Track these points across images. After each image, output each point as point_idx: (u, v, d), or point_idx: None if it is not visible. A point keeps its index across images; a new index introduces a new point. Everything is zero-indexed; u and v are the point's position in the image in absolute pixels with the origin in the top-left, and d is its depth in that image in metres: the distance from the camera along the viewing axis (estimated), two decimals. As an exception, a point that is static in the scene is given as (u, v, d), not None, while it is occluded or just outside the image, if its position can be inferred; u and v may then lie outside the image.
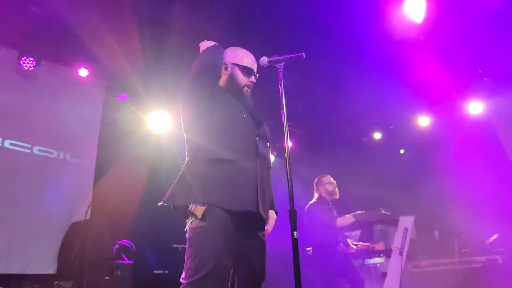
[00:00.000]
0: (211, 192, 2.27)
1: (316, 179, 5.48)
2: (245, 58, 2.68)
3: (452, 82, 7.26)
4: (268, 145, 2.61)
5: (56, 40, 5.70)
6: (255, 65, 2.71)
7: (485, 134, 7.76)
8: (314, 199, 5.37)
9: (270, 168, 2.57)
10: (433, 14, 5.36)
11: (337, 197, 5.32)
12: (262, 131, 2.57)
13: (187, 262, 2.21)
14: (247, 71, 2.64)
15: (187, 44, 5.18)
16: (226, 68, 2.65)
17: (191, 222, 2.27)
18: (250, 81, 2.66)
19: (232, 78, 2.63)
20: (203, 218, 2.22)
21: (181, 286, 2.18)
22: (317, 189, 5.42)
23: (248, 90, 2.67)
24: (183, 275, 2.21)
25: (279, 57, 2.58)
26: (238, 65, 2.64)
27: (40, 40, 5.65)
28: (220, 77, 2.63)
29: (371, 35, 5.78)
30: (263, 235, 2.49)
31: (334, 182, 5.36)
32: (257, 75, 2.72)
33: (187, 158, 2.45)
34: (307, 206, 5.29)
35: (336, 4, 5.26)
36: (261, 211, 2.34)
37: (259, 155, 2.43)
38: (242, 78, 2.64)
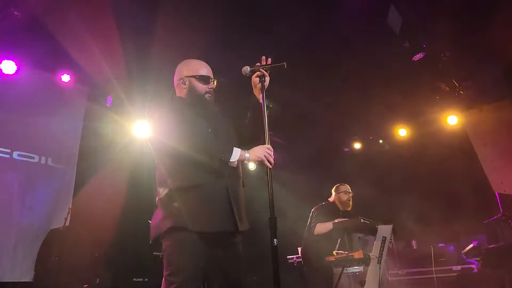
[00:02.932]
0: (191, 221, 2.29)
1: (336, 185, 5.50)
2: (200, 68, 2.73)
3: (430, 95, 7.45)
4: None
5: (38, 46, 5.65)
6: (211, 73, 2.76)
7: (461, 145, 7.95)
8: (323, 202, 5.39)
9: (240, 177, 2.59)
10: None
11: (349, 208, 5.33)
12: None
13: (163, 272, 2.30)
14: (204, 79, 2.68)
15: (171, 52, 5.22)
16: (184, 83, 2.69)
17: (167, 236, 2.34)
18: (210, 88, 2.70)
19: (191, 89, 2.67)
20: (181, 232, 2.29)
21: None
22: (333, 195, 5.44)
23: (210, 96, 2.71)
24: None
25: (261, 66, 2.63)
26: (194, 76, 2.68)
27: (22, 45, 5.61)
28: None
29: (351, 45, 5.90)
30: (239, 245, 2.54)
31: (351, 193, 5.38)
32: (216, 81, 2.76)
33: (161, 190, 2.45)
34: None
35: (316, 15, 5.36)
36: (240, 227, 2.42)
37: (227, 170, 2.44)
38: (201, 87, 2.68)
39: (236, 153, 2.41)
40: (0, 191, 5.57)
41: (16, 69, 5.70)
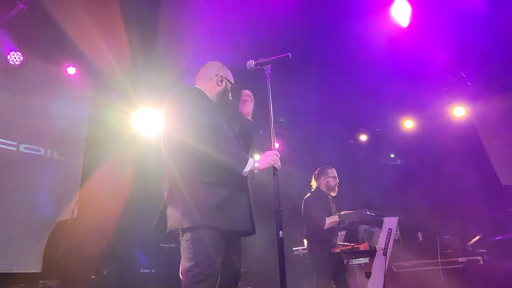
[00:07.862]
0: (214, 217, 2.31)
1: (319, 168, 5.23)
2: (231, 76, 2.77)
3: (437, 86, 7.39)
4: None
5: (44, 38, 5.67)
6: None
7: (468, 137, 7.91)
8: (310, 192, 5.18)
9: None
10: (418, 19, 5.47)
11: (334, 194, 5.14)
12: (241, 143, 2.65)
13: (187, 263, 2.27)
14: (232, 89, 2.74)
15: (176, 44, 5.22)
16: (221, 81, 2.68)
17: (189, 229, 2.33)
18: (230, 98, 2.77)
19: (225, 92, 2.70)
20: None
21: (183, 286, 2.24)
22: (317, 180, 5.18)
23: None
24: (183, 269, 2.27)
25: (266, 59, 2.61)
26: (229, 82, 2.72)
27: (28, 38, 5.61)
28: None
29: (358, 38, 5.86)
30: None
31: (337, 178, 5.15)
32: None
33: (182, 179, 2.41)
34: (304, 199, 5.14)
35: (323, 8, 5.33)
36: (254, 228, 2.48)
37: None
38: (229, 94, 2.73)
39: (250, 164, 2.39)
40: (7, 183, 5.59)
41: (22, 60, 5.68)
